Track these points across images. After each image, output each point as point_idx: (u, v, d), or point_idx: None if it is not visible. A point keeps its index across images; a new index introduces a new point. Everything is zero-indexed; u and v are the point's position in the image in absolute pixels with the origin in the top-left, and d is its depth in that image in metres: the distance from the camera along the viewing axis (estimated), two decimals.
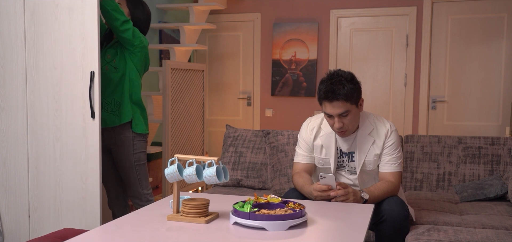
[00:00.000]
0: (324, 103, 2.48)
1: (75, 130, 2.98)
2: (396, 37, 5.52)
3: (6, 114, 3.14)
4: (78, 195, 3.01)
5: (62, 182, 3.04)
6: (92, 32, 2.89)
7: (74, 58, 2.94)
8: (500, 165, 3.34)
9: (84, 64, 2.92)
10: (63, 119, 3.00)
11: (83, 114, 2.94)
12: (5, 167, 3.16)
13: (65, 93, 2.98)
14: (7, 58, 3.10)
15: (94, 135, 2.93)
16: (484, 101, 5.31)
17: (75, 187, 3.01)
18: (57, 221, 3.09)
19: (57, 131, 3.02)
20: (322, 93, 2.46)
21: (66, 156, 3.02)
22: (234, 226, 1.95)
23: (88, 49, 2.90)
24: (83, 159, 2.97)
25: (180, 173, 2.06)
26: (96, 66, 2.88)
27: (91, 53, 2.89)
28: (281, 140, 3.58)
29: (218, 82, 6.19)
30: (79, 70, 2.93)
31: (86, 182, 2.98)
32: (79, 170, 2.99)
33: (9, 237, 3.21)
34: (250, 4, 5.97)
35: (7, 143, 3.15)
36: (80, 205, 3.01)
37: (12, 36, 3.08)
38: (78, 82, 2.93)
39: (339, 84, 2.41)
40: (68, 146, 3.01)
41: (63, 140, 3.01)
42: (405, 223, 2.52)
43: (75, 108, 2.96)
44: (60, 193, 3.06)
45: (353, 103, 2.46)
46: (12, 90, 3.11)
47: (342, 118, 2.47)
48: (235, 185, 3.69)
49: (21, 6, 3.05)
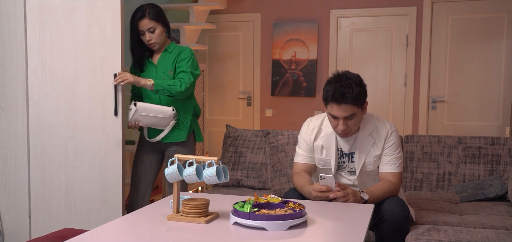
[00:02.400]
0: (331, 104, 2.46)
1: (92, 127, 3.05)
2: (396, 37, 5.52)
3: (6, 114, 3.14)
4: (97, 187, 3.07)
5: (76, 179, 3.09)
6: (114, 38, 2.99)
7: (93, 61, 3.03)
8: (500, 165, 3.35)
9: (104, 67, 3.01)
10: (78, 118, 3.06)
11: (103, 112, 3.03)
12: (5, 167, 3.16)
13: (80, 93, 3.05)
14: (7, 58, 3.11)
15: (115, 131, 3.03)
16: (484, 101, 5.31)
17: (93, 181, 3.07)
18: (68, 219, 3.11)
19: (70, 129, 3.07)
20: (330, 94, 2.43)
21: (81, 153, 3.07)
22: (234, 226, 1.95)
23: (110, 54, 3.00)
24: (102, 154, 3.05)
25: (180, 173, 2.06)
26: (119, 69, 2.99)
27: (114, 58, 3.00)
28: (281, 140, 3.58)
29: (218, 82, 6.19)
30: (98, 72, 3.03)
31: (106, 175, 3.06)
32: (98, 165, 3.06)
33: (9, 237, 3.21)
34: (250, 4, 5.97)
35: (7, 143, 3.15)
36: (99, 198, 3.08)
37: (12, 36, 3.09)
38: (97, 83, 3.03)
39: (348, 88, 2.40)
40: (84, 144, 3.06)
41: (77, 137, 3.07)
42: (405, 223, 2.52)
43: (92, 107, 3.04)
44: (73, 190, 3.09)
45: (359, 107, 2.46)
46: (12, 90, 3.11)
47: (347, 121, 2.47)
48: (235, 185, 3.69)
49: (22, 6, 3.05)
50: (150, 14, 3.02)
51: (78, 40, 3.04)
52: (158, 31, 3.05)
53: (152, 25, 3.03)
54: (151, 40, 3.05)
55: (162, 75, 3.07)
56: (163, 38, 3.10)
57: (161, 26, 3.07)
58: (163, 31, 3.10)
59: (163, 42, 3.13)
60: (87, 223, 3.09)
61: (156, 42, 3.07)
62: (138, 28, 3.04)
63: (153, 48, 3.10)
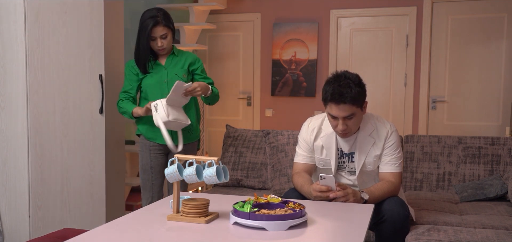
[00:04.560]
0: (330, 104, 2.46)
1: (83, 125, 3.26)
2: (396, 37, 5.52)
3: (6, 114, 3.14)
4: (86, 180, 3.29)
5: (70, 174, 3.24)
6: (98, 39, 3.22)
7: (82, 62, 3.23)
8: (500, 165, 3.35)
9: (91, 67, 3.24)
10: (71, 117, 3.23)
11: (91, 111, 3.26)
12: (5, 167, 3.17)
13: (73, 92, 3.22)
14: (7, 58, 3.11)
15: (101, 128, 3.28)
16: (484, 101, 5.31)
17: (83, 175, 3.27)
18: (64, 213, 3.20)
19: (65, 127, 3.22)
20: (329, 95, 2.44)
21: (74, 150, 3.24)
22: (234, 226, 1.95)
23: (96, 55, 3.23)
24: (91, 149, 3.28)
25: (180, 173, 2.06)
26: (103, 69, 3.24)
27: (99, 58, 3.24)
28: (281, 140, 3.58)
29: (218, 82, 6.19)
30: (86, 72, 3.24)
31: (94, 169, 3.29)
32: (87, 160, 3.27)
33: (9, 237, 3.21)
34: (250, 4, 5.98)
35: (7, 142, 3.15)
36: (87, 190, 3.29)
37: (12, 36, 3.09)
38: (86, 83, 3.25)
39: (347, 87, 2.40)
40: (76, 141, 3.24)
41: (70, 135, 3.23)
42: (405, 223, 2.52)
43: (83, 106, 3.25)
44: (68, 184, 3.23)
45: (358, 106, 2.45)
46: (12, 90, 3.12)
47: (347, 121, 2.47)
48: (235, 185, 3.69)
49: (22, 6, 3.06)
50: (163, 21, 3.04)
51: (71, 40, 3.15)
52: (169, 37, 3.09)
53: (166, 32, 3.06)
54: (163, 46, 3.07)
55: (174, 77, 3.11)
56: (171, 43, 3.15)
57: (171, 32, 3.11)
58: (172, 36, 3.14)
59: (170, 46, 3.17)
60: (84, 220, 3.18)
61: (166, 48, 3.10)
62: (151, 34, 3.04)
63: (163, 53, 3.13)
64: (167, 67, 3.14)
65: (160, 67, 3.14)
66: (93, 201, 3.28)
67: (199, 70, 3.23)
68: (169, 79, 3.11)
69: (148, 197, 3.21)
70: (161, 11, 3.07)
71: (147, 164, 3.20)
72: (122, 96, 3.16)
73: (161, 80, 3.11)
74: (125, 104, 3.12)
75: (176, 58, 3.17)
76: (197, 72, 3.22)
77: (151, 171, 3.20)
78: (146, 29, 3.02)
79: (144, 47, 3.07)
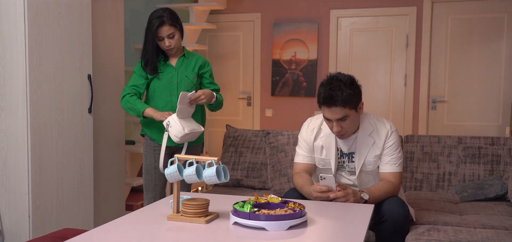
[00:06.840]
0: (323, 107, 2.48)
1: (75, 125, 3.33)
2: (396, 37, 5.52)
3: (6, 114, 3.14)
4: (77, 179, 3.38)
5: (64, 174, 3.28)
6: (87, 40, 3.35)
7: (74, 62, 3.30)
8: (500, 165, 3.35)
9: (82, 67, 3.35)
10: (65, 116, 3.28)
11: (81, 111, 3.38)
12: (5, 167, 3.17)
13: (66, 92, 3.28)
14: (7, 58, 3.11)
15: (89, 127, 3.43)
16: (484, 101, 5.31)
17: (75, 174, 3.35)
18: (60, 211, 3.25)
19: (60, 127, 3.25)
20: (321, 98, 2.45)
21: (68, 150, 3.29)
22: (234, 226, 1.95)
23: (85, 55, 3.35)
24: (81, 148, 3.38)
25: (180, 173, 2.06)
26: (91, 70, 3.41)
27: (87, 59, 3.38)
28: (281, 140, 3.58)
29: (218, 82, 6.14)
30: (77, 72, 3.33)
31: (84, 168, 3.41)
32: (78, 159, 3.37)
33: (9, 237, 3.21)
34: (250, 4, 5.97)
35: (7, 143, 3.15)
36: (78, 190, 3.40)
37: (12, 36, 3.09)
38: (77, 83, 3.34)
39: (338, 90, 2.40)
40: (69, 140, 3.30)
41: (64, 135, 3.27)
42: (405, 223, 2.52)
43: (75, 105, 3.33)
44: (62, 184, 3.27)
45: (351, 108, 2.45)
46: (12, 90, 3.12)
47: (341, 123, 2.47)
48: (235, 185, 3.69)
49: (22, 7, 3.06)
50: (169, 20, 3.03)
51: (65, 40, 3.22)
52: (177, 36, 3.08)
53: (172, 31, 3.05)
54: (171, 45, 3.06)
55: (184, 79, 3.12)
56: (180, 42, 3.14)
57: (179, 31, 3.10)
58: (180, 35, 3.13)
59: (179, 45, 3.15)
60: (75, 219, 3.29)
61: (175, 47, 3.09)
62: (158, 34, 3.04)
63: (171, 53, 3.12)
64: (178, 68, 3.15)
65: (171, 68, 3.15)
66: (84, 200, 3.40)
67: (208, 74, 3.24)
68: (179, 80, 3.12)
69: (150, 197, 3.21)
70: (167, 11, 3.07)
71: (151, 165, 3.20)
72: (130, 91, 3.11)
73: (171, 81, 3.12)
74: (135, 102, 3.08)
75: (186, 60, 3.18)
76: (205, 76, 3.24)
77: (154, 172, 3.20)
78: (152, 29, 3.03)
79: (152, 48, 3.07)
